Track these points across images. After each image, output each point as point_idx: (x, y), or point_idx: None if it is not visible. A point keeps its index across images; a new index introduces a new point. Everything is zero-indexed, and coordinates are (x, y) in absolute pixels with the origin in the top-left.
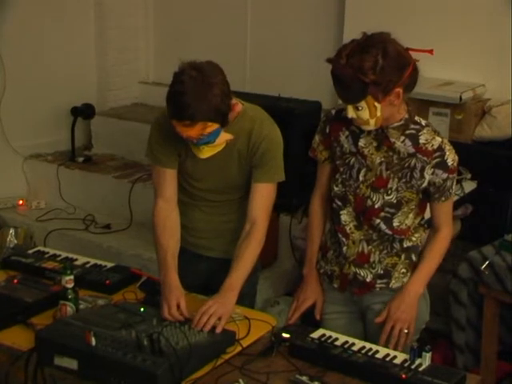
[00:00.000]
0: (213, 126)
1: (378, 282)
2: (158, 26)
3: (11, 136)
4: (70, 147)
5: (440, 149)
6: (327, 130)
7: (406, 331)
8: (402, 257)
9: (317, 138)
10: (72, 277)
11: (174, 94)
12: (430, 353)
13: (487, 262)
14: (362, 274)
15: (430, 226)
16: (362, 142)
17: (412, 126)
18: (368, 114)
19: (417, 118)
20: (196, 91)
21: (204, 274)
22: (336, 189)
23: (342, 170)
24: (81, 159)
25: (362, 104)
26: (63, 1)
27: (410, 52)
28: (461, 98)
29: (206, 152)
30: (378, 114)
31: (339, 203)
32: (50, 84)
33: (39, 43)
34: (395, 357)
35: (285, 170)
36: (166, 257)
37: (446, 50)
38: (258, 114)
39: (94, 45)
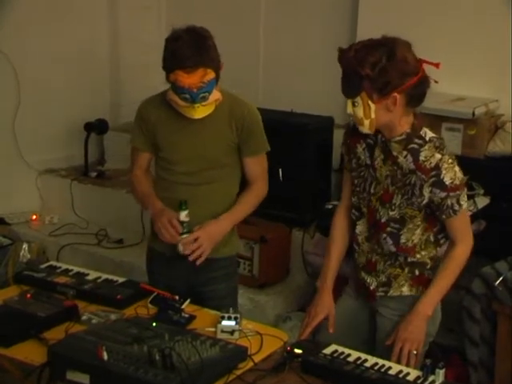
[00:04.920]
0: (211, 74)
1: (380, 289)
2: None
3: (25, 151)
4: (83, 162)
5: (437, 167)
6: (348, 141)
7: (414, 352)
8: (406, 270)
9: (342, 149)
10: (187, 211)
11: (173, 48)
12: (444, 369)
13: (501, 278)
14: (369, 280)
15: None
16: (374, 155)
17: (415, 141)
18: (362, 112)
19: (422, 132)
20: (193, 42)
21: (186, 277)
22: (353, 199)
23: (356, 182)
24: (94, 174)
25: (358, 100)
26: (77, 18)
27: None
28: (474, 114)
29: (200, 111)
30: (372, 115)
31: (356, 213)
32: (64, 100)
33: (53, 59)
34: (408, 373)
35: (298, 184)
36: (145, 193)
37: (458, 65)
38: (232, 93)
39: (108, 60)
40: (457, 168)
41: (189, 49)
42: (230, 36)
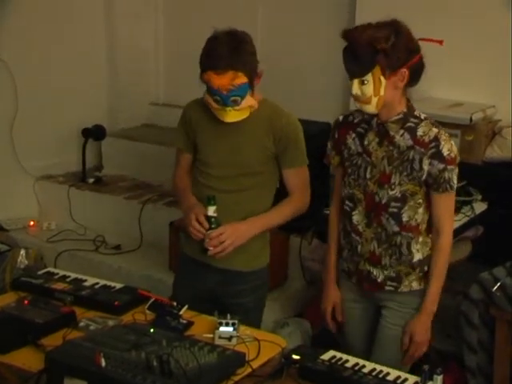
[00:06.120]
0: (242, 78)
1: (388, 283)
2: (168, 48)
3: (23, 157)
4: (80, 168)
5: (436, 139)
6: (336, 136)
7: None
8: (417, 270)
9: (329, 144)
10: (215, 207)
11: (208, 47)
12: (442, 375)
13: (499, 284)
14: (375, 273)
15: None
16: (366, 141)
17: (411, 120)
18: (372, 89)
19: (417, 113)
20: (228, 44)
21: (213, 287)
22: (345, 191)
23: (349, 171)
24: (91, 180)
25: (368, 77)
26: (75, 25)
27: (421, 42)
28: (471, 119)
29: (232, 115)
30: (382, 92)
31: (350, 204)
32: (62, 105)
33: (51, 65)
34: (406, 379)
35: None
36: (182, 189)
37: (456, 71)
38: (276, 104)
39: (105, 67)
40: (453, 142)
41: (222, 50)
42: None
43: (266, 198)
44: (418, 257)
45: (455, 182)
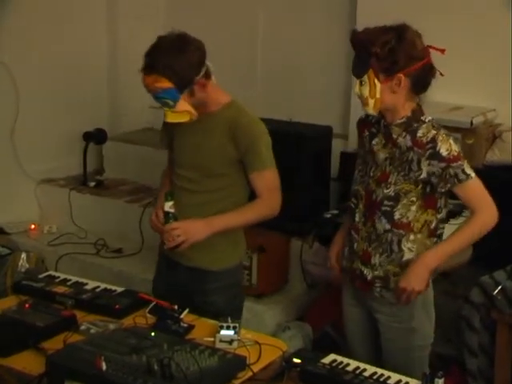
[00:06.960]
0: (164, 83)
1: (377, 283)
2: None
3: (24, 160)
4: (81, 172)
5: (432, 141)
6: (358, 133)
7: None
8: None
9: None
10: (172, 202)
11: (150, 45)
12: (443, 379)
13: (499, 287)
14: (365, 272)
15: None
16: (375, 141)
17: (415, 125)
18: (368, 90)
19: (423, 118)
20: (164, 47)
21: (183, 283)
22: (352, 187)
23: (360, 167)
24: (92, 184)
25: (365, 78)
26: (76, 28)
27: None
28: (472, 123)
29: (170, 116)
30: (378, 95)
31: (355, 201)
32: (63, 109)
33: (52, 68)
34: (407, 383)
35: (296, 194)
36: (161, 184)
37: (456, 74)
38: (242, 107)
39: (106, 70)
40: (452, 141)
41: (154, 52)
42: (228, 45)
43: (236, 199)
44: (408, 256)
45: (468, 171)
